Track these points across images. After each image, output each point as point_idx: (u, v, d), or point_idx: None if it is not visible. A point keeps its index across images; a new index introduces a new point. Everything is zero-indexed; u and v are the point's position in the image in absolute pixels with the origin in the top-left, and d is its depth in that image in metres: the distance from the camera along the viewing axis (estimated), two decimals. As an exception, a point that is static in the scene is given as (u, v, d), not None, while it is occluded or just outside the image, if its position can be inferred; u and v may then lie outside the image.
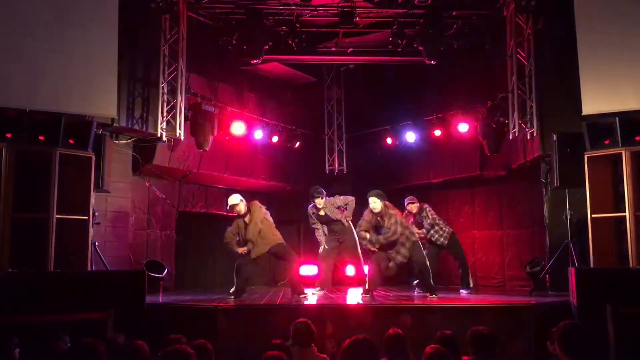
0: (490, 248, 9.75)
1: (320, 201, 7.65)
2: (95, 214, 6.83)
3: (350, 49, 9.72)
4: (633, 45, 6.50)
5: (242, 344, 5.64)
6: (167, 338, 4.06)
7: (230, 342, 5.62)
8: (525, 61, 8.05)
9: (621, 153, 6.24)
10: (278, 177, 10.58)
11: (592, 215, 6.39)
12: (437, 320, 5.70)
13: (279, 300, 7.02)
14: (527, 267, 8.37)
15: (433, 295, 6.95)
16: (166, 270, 8.31)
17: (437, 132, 9.77)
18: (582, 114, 6.68)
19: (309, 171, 11.09)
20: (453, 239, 8.09)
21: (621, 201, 6.29)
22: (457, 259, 8.30)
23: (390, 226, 6.85)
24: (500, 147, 8.85)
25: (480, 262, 9.81)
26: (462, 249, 8.35)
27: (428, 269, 7.06)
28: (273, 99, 10.64)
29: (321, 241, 7.86)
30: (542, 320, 5.51)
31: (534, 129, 7.82)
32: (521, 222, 9.32)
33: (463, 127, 9.38)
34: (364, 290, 7.25)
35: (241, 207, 7.12)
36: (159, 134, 8.01)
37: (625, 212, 6.16)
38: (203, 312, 6.04)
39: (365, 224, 7.05)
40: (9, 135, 6.03)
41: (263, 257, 7.30)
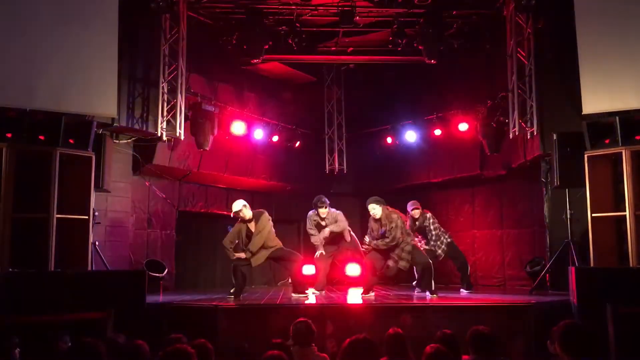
0: (491, 247, 9.75)
1: (324, 211, 7.53)
2: (96, 213, 6.83)
3: (351, 49, 9.72)
4: (633, 44, 6.49)
5: (242, 343, 5.65)
6: (167, 338, 4.07)
7: (230, 342, 5.62)
8: (525, 60, 8.05)
9: (621, 152, 6.24)
10: (278, 177, 10.58)
11: (592, 215, 6.39)
12: (437, 320, 5.70)
13: (279, 299, 7.02)
14: (527, 267, 8.38)
15: (433, 295, 6.96)
16: (166, 270, 8.32)
17: (437, 132, 9.78)
18: (583, 113, 6.68)
19: (309, 171, 11.10)
20: (451, 248, 8.03)
21: (621, 200, 6.29)
22: (456, 263, 8.28)
23: (391, 230, 6.88)
24: (500, 146, 8.85)
25: (481, 261, 9.81)
26: (461, 253, 8.33)
27: (431, 269, 7.08)
28: (273, 99, 10.64)
29: (317, 246, 7.82)
30: (542, 320, 5.52)
31: (534, 129, 7.81)
32: (521, 222, 9.32)
33: (463, 127, 9.39)
34: (364, 289, 7.27)
35: (245, 213, 7.05)
36: (159, 134, 8.01)
37: (625, 211, 6.15)
38: (203, 312, 6.04)
39: (371, 235, 7.09)
40: (9, 135, 6.03)
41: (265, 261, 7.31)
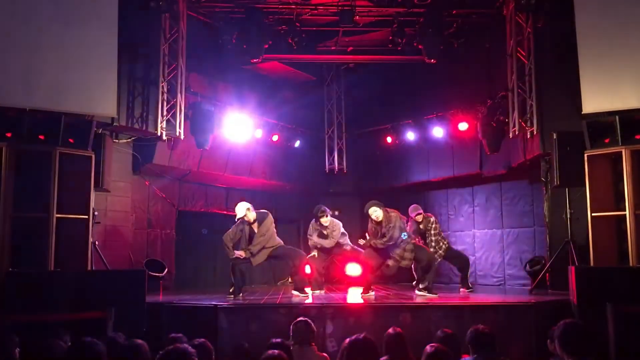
0: (490, 247, 9.76)
1: (326, 219, 7.51)
2: (95, 213, 6.82)
3: (350, 48, 9.73)
4: (633, 44, 6.49)
5: (242, 342, 5.65)
6: (167, 337, 4.07)
7: (230, 341, 5.62)
8: (525, 60, 8.05)
9: (621, 152, 6.24)
10: (278, 176, 10.58)
11: (592, 214, 6.39)
12: (437, 319, 5.71)
13: (279, 299, 7.02)
14: (527, 266, 8.39)
15: (433, 294, 6.97)
16: (166, 270, 8.31)
17: (437, 131, 9.78)
18: (582, 112, 6.68)
19: (309, 170, 11.10)
20: (449, 253, 7.99)
21: (621, 200, 6.29)
22: (457, 264, 8.27)
23: (389, 230, 6.89)
24: (500, 145, 8.85)
25: (480, 260, 9.82)
26: (461, 254, 8.33)
27: (433, 267, 7.11)
28: (273, 98, 10.64)
29: (313, 249, 7.80)
30: (542, 319, 5.52)
31: (534, 128, 7.81)
32: (521, 221, 9.32)
33: (463, 126, 9.40)
34: (364, 289, 7.27)
35: (249, 216, 7.03)
36: (159, 133, 8.01)
37: (625, 210, 6.15)
38: (203, 311, 6.04)
39: (372, 238, 7.09)
40: (8, 135, 6.02)
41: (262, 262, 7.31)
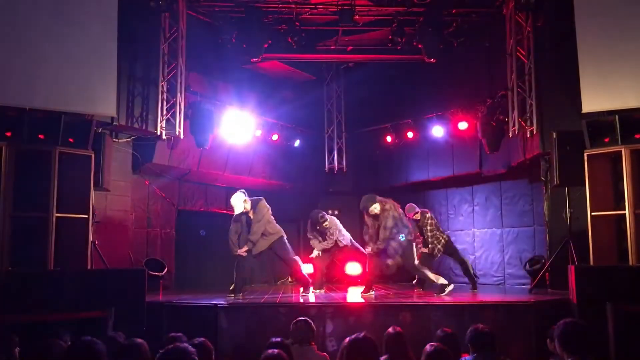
0: (490, 246, 9.76)
1: (327, 223, 7.65)
2: (95, 212, 6.83)
3: (350, 47, 9.73)
4: (633, 43, 6.48)
5: (242, 342, 5.66)
6: (167, 336, 4.07)
7: (230, 341, 5.63)
8: (525, 59, 8.05)
9: (621, 151, 6.23)
10: (278, 176, 10.58)
11: (592, 213, 6.38)
12: (437, 318, 5.71)
13: (278, 298, 7.02)
14: (527, 265, 8.38)
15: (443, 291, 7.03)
16: (166, 269, 8.31)
17: (437, 130, 9.77)
18: (582, 111, 6.67)
19: (309, 169, 11.10)
20: (448, 247, 7.99)
21: (621, 199, 6.29)
22: (457, 261, 8.27)
23: (384, 219, 6.92)
24: (499, 145, 8.84)
25: (480, 260, 9.82)
26: (459, 251, 8.32)
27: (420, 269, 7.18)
28: (273, 97, 10.63)
29: (316, 248, 7.84)
30: (541, 318, 5.52)
31: (534, 127, 7.82)
32: (521, 220, 9.33)
33: (463, 125, 9.40)
34: (364, 288, 7.28)
35: (247, 207, 7.12)
36: (159, 133, 8.01)
37: (625, 210, 6.15)
38: (203, 311, 6.04)
39: (370, 232, 7.10)
40: (8, 134, 6.02)
41: (264, 253, 7.34)
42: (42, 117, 6.25)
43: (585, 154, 6.50)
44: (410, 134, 10.17)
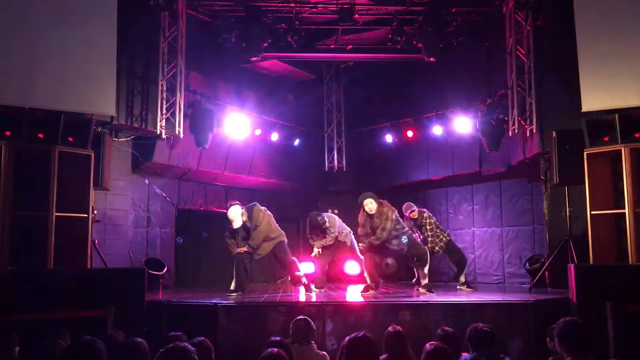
0: (490, 245, 9.76)
1: (327, 223, 7.70)
2: (95, 211, 6.83)
3: (350, 46, 9.73)
4: (632, 42, 6.48)
5: (242, 341, 5.65)
6: (167, 335, 4.07)
7: (230, 340, 5.63)
8: (524, 58, 8.05)
9: (621, 150, 6.24)
10: (277, 175, 10.58)
11: (592, 212, 6.39)
12: (436, 317, 5.72)
13: (278, 297, 7.03)
14: (527, 264, 8.39)
15: (431, 292, 7.03)
16: (166, 268, 8.31)
17: (437, 129, 9.77)
18: (582, 110, 6.67)
19: (309, 169, 11.09)
20: (449, 247, 8.01)
21: (620, 198, 6.30)
22: (453, 260, 8.27)
23: (382, 222, 6.92)
24: (499, 144, 8.84)
25: (480, 259, 9.83)
26: (459, 250, 8.33)
27: (426, 259, 7.21)
28: (272, 97, 10.63)
29: (315, 246, 7.85)
30: (541, 317, 5.52)
31: (534, 126, 7.82)
32: (521, 219, 9.33)
33: (462, 124, 9.38)
34: (364, 287, 7.27)
35: (244, 218, 7.20)
36: (159, 132, 8.01)
37: (624, 209, 6.16)
38: (203, 310, 6.04)
39: (363, 230, 7.09)
40: (8, 133, 6.02)
41: (265, 256, 7.39)
42: (41, 116, 6.25)
43: (585, 153, 6.51)
44: (410, 133, 10.16)
